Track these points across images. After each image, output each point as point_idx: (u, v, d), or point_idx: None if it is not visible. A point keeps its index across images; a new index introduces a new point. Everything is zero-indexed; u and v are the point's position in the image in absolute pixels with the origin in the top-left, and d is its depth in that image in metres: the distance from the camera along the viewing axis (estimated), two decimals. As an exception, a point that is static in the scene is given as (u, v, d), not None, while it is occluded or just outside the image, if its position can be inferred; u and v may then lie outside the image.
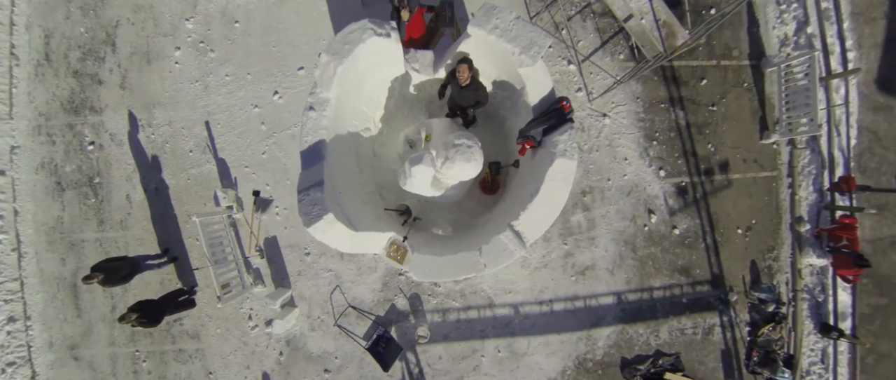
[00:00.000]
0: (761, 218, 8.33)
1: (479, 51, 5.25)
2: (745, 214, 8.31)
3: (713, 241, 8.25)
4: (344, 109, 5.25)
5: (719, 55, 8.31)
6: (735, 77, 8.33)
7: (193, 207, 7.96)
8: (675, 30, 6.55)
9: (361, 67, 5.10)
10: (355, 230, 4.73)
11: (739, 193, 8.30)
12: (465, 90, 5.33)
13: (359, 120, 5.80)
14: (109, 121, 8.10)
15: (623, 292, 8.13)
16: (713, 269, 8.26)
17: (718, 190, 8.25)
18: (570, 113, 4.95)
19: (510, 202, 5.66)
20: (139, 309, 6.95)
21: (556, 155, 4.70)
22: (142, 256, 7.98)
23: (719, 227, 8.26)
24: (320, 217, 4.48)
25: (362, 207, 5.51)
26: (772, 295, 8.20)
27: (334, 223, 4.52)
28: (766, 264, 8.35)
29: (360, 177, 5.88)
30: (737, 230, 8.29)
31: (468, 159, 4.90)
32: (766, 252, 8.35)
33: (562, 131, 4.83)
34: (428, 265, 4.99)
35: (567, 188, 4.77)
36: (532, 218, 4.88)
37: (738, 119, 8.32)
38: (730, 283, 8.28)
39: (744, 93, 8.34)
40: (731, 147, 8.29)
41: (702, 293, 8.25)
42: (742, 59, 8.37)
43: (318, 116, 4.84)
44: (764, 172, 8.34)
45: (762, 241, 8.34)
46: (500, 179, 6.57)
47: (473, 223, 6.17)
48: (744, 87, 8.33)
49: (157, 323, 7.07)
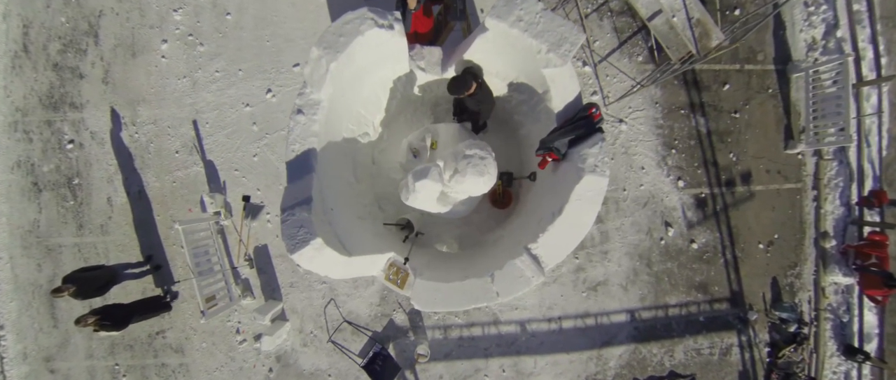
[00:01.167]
0: (784, 233, 7.48)
1: (496, 47, 4.33)
2: (767, 228, 7.45)
3: (733, 256, 7.40)
4: (338, 112, 4.33)
5: (743, 59, 7.44)
6: (759, 82, 7.46)
7: (178, 212, 7.06)
8: (709, 29, 5.66)
9: (359, 64, 4.17)
10: (349, 254, 3.85)
11: (762, 205, 7.44)
12: (469, 97, 4.51)
13: (355, 124, 4.86)
14: (91, 118, 7.18)
15: (637, 310, 7.27)
16: (732, 286, 7.41)
17: (739, 202, 7.39)
18: (600, 122, 4.08)
19: (526, 220, 4.74)
20: (102, 311, 6.08)
21: (584, 171, 3.80)
22: (121, 265, 7.08)
23: (740, 241, 7.40)
24: (306, 242, 3.55)
25: (358, 222, 4.61)
26: (793, 314, 7.34)
27: (323, 249, 3.60)
28: (788, 282, 7.51)
29: (357, 188, 4.98)
30: (758, 245, 7.43)
31: (481, 172, 4.02)
32: (788, 269, 7.50)
33: (591, 143, 3.94)
34: (432, 293, 4.10)
35: (595, 209, 3.90)
36: (552, 241, 4.00)
37: (762, 127, 7.45)
38: (749, 301, 7.43)
39: (768, 99, 7.47)
40: (753, 157, 7.42)
41: (720, 311, 7.40)
42: (767, 63, 7.50)
43: (307, 121, 3.94)
44: (788, 183, 7.48)
45: (784, 257, 7.49)
46: (511, 192, 5.68)
47: (482, 240, 5.28)
48: (768, 93, 7.46)
49: (121, 327, 6.18)
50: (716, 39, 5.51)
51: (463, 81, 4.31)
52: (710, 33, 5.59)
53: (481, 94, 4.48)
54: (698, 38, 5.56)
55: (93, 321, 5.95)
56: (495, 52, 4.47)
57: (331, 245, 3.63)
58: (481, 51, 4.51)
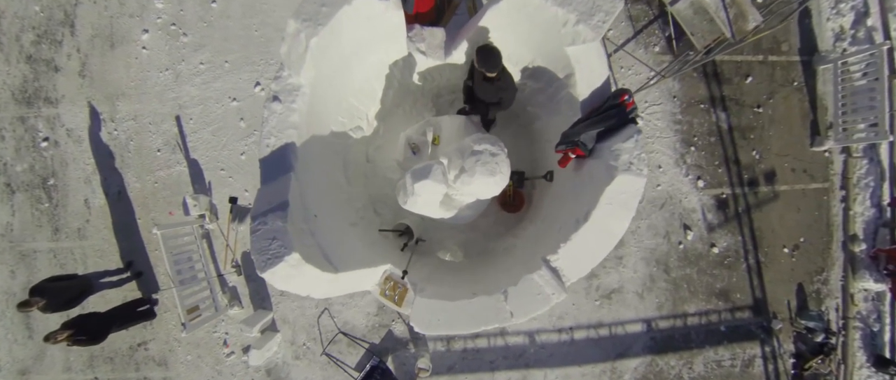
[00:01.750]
0: (810, 235, 6.78)
1: (511, 22, 3.61)
2: (792, 230, 6.75)
3: (756, 261, 6.70)
4: (324, 102, 3.61)
5: (766, 50, 6.73)
6: (784, 75, 6.75)
7: (161, 215, 6.35)
8: (744, 10, 4.93)
9: (347, 43, 3.45)
10: (335, 270, 3.17)
11: (786, 206, 6.73)
12: (488, 83, 3.77)
13: (346, 116, 4.14)
14: (67, 114, 6.48)
15: (653, 319, 6.57)
16: (755, 293, 6.71)
17: (763, 203, 6.69)
18: (634, 111, 3.39)
19: (542, 227, 4.00)
20: (75, 324, 5.40)
21: (616, 169, 3.07)
22: (98, 273, 6.39)
23: (763, 245, 6.70)
24: (280, 258, 2.80)
25: (349, 230, 3.88)
26: (820, 323, 6.64)
27: (301, 266, 2.91)
28: (815, 288, 6.81)
29: (349, 190, 4.26)
30: (783, 249, 6.73)
31: (491, 172, 3.31)
32: (814, 274, 6.79)
33: (624, 136, 3.20)
34: (435, 313, 3.39)
35: (629, 215, 3.21)
36: (576, 252, 3.31)
37: (787, 123, 6.75)
38: (773, 309, 6.73)
39: (793, 93, 6.76)
40: (777, 154, 6.72)
41: (742, 320, 6.70)
42: (792, 54, 6.79)
43: (285, 111, 3.23)
44: (814, 183, 6.78)
45: (811, 261, 6.79)
46: (523, 194, 4.98)
47: (490, 248, 4.57)
48: (793, 86, 6.75)
49: (98, 340, 5.51)
50: (753, 21, 4.80)
51: (496, 54, 3.56)
52: (746, 15, 4.87)
53: (504, 79, 3.78)
54: (733, 20, 4.85)
55: (65, 337, 5.28)
56: (509, 29, 3.75)
57: (311, 260, 2.93)
58: (492, 28, 3.79)
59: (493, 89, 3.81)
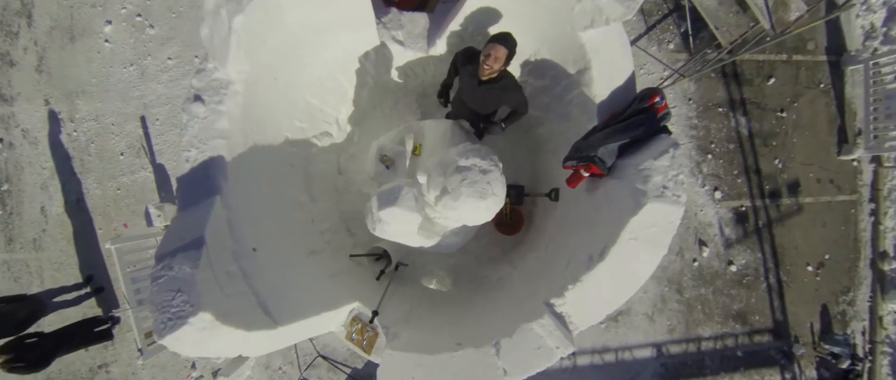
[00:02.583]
0: (836, 252, 5.94)
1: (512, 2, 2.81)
2: (816, 247, 5.92)
3: (777, 280, 5.87)
4: (270, 101, 2.75)
5: (791, 48, 5.88)
6: (809, 76, 5.92)
7: (125, 224, 5.58)
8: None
9: (293, 26, 2.57)
10: (274, 323, 2.35)
11: (811, 220, 5.90)
12: (485, 87, 2.95)
13: (306, 120, 3.26)
14: (22, 113, 5.66)
15: (664, 343, 5.75)
16: (776, 315, 5.89)
17: (785, 217, 5.86)
18: (666, 118, 2.56)
19: (545, 258, 3.15)
20: (14, 348, 4.60)
21: (645, 195, 2.24)
22: (52, 290, 5.59)
23: (785, 263, 5.87)
24: (183, 319, 1.91)
25: (306, 261, 3.02)
26: (846, 348, 5.81)
27: (216, 329, 2.04)
28: (840, 310, 5.98)
29: (313, 209, 3.40)
30: (806, 267, 5.90)
31: (481, 194, 2.45)
32: (840, 294, 5.97)
33: (657, 152, 2.34)
34: (408, 370, 2.58)
35: (659, 254, 2.38)
36: (588, 296, 2.49)
37: (812, 129, 5.91)
38: (795, 332, 5.90)
39: (819, 96, 5.92)
40: (802, 163, 5.89)
41: (761, 345, 5.87)
42: (818, 53, 5.95)
43: (209, 114, 2.38)
44: (841, 195, 5.95)
45: (836, 280, 5.96)
46: (522, 212, 4.11)
47: (482, 276, 3.72)
48: (819, 88, 5.92)
49: (40, 367, 4.70)
50: (795, 11, 3.95)
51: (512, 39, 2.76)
52: (788, 3, 4.04)
53: (507, 79, 2.95)
54: (773, 9, 4.01)
55: (2, 362, 4.49)
56: (508, 13, 2.93)
57: (234, 318, 2.07)
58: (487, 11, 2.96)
59: (493, 94, 2.96)
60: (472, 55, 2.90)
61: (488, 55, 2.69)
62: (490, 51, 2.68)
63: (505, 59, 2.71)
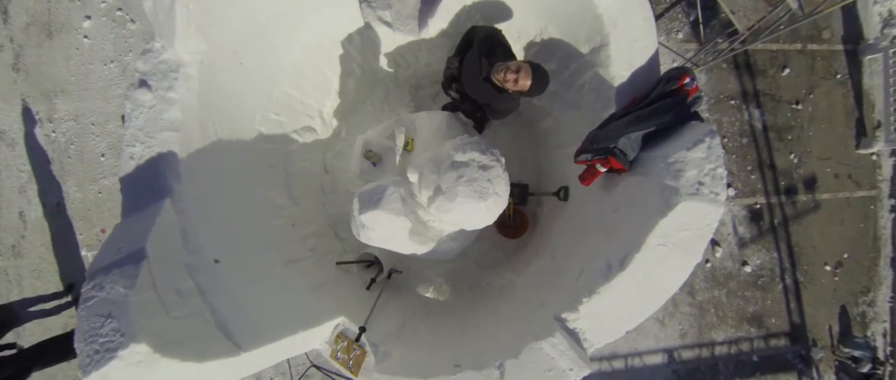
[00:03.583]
0: (855, 251, 5.54)
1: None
2: (834, 245, 5.51)
3: (793, 281, 5.46)
4: (235, 89, 2.33)
5: (806, 37, 5.47)
6: (825, 66, 5.51)
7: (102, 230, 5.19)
8: (812, -25, 3.69)
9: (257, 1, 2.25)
10: (237, 349, 1.88)
11: (828, 218, 5.49)
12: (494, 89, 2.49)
13: (284, 112, 2.77)
14: (-2, 113, 5.32)
15: (676, 349, 5.35)
16: (792, 317, 5.48)
17: (802, 214, 5.45)
18: (697, 101, 2.16)
19: (553, 264, 2.70)
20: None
21: (677, 193, 1.84)
22: (33, 298, 5.22)
23: (802, 262, 5.46)
24: (112, 353, 1.50)
25: (284, 271, 2.61)
26: (866, 351, 5.41)
27: (155, 363, 1.58)
28: (860, 311, 5.58)
29: (293, 212, 2.97)
30: (824, 267, 5.50)
31: (481, 194, 2.03)
32: (859, 295, 5.56)
33: (690, 141, 1.91)
34: (400, 396, 2.23)
35: (692, 262, 1.99)
36: (607, 309, 2.11)
37: (829, 121, 5.51)
38: (813, 335, 5.50)
39: (836, 87, 5.52)
40: (819, 158, 5.48)
41: (777, 349, 5.47)
42: (834, 42, 5.54)
43: (157, 103, 2.01)
44: (860, 190, 5.54)
45: (855, 280, 5.55)
46: (526, 213, 3.66)
47: (484, 281, 3.33)
48: (836, 79, 5.51)
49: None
50: (826, -11, 3.57)
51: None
52: (815, -19, 3.64)
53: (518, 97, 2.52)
54: (800, -13, 3.61)
55: (-28, 381, 4.12)
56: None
57: (183, 346, 1.64)
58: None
59: (502, 96, 2.53)
60: (494, 46, 2.46)
61: (517, 72, 2.25)
62: (519, 71, 2.25)
63: (527, 89, 2.30)
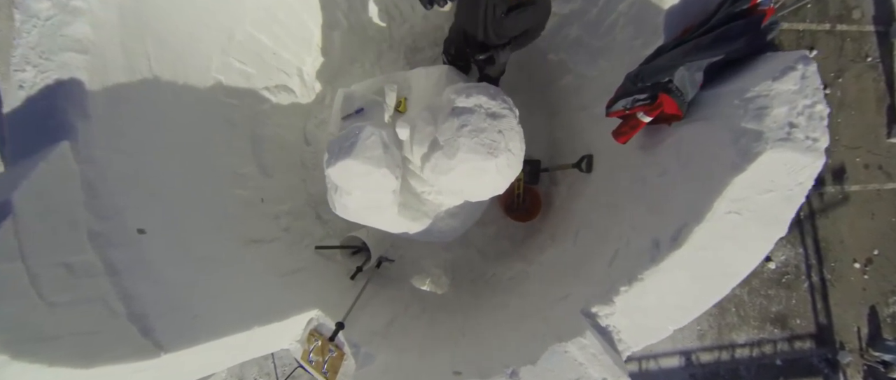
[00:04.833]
0: (886, 247, 5.01)
1: None
2: (864, 241, 4.99)
3: (820, 278, 4.94)
4: (182, 16, 1.88)
5: (834, 17, 4.97)
6: (855, 49, 5.00)
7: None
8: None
9: None
10: (157, 349, 1.36)
11: (858, 211, 4.97)
12: (514, 13, 1.93)
13: (250, 62, 2.17)
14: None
15: (694, 351, 4.82)
16: (819, 318, 4.95)
17: (829, 208, 4.93)
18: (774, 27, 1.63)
19: (574, 250, 2.09)
20: None
21: (760, 139, 1.27)
22: None
23: (829, 259, 4.94)
24: None
25: (243, 251, 2.05)
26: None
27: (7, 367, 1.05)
28: (891, 312, 5.04)
29: (263, 184, 2.41)
30: (853, 264, 4.97)
31: (490, 148, 1.47)
32: (890, 295, 5.03)
33: (776, 69, 1.38)
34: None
35: (777, 233, 1.48)
36: (652, 300, 1.60)
37: (859, 108, 4.99)
38: (840, 338, 4.96)
39: (866, 71, 5.01)
40: (847, 147, 4.96)
41: (802, 352, 4.93)
42: (864, 23, 5.04)
43: (58, 13, 1.47)
44: (891, 182, 5.02)
45: (886, 279, 5.02)
46: (539, 193, 3.09)
47: (489, 273, 2.78)
48: (867, 62, 5.00)
49: None
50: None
51: None
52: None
53: None
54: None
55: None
56: None
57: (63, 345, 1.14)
58: None
59: (520, 19, 1.97)
60: None
61: None
62: None
63: None
